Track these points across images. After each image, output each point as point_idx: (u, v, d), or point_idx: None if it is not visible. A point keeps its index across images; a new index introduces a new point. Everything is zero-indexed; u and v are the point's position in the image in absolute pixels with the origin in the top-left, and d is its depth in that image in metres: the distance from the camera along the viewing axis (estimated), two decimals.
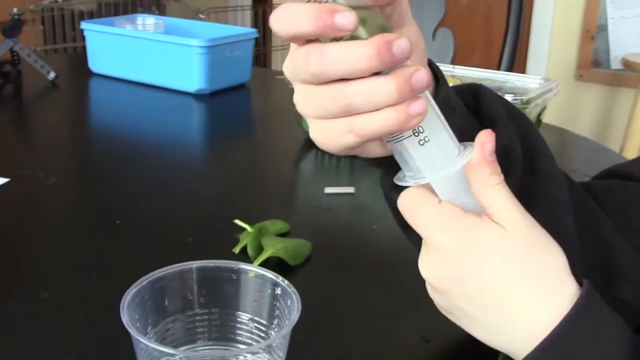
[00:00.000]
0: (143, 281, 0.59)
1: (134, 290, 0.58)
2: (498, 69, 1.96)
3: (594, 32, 3.30)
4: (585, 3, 3.29)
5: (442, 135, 0.52)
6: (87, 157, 1.38)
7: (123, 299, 0.57)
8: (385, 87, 0.48)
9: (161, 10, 4.62)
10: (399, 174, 0.56)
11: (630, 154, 2.83)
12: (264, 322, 0.62)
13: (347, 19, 0.46)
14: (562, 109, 3.34)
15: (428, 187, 0.54)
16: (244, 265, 0.63)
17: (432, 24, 2.15)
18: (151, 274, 0.60)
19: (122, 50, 1.84)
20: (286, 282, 0.61)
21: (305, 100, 0.52)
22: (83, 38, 1.93)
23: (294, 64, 0.51)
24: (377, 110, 0.49)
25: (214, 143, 1.55)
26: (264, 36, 4.29)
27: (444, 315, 0.57)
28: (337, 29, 0.47)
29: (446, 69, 1.44)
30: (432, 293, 0.56)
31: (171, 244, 0.97)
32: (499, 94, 1.08)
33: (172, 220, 1.05)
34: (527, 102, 1.19)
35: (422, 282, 0.86)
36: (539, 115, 1.32)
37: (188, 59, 1.71)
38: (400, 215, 0.65)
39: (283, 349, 0.58)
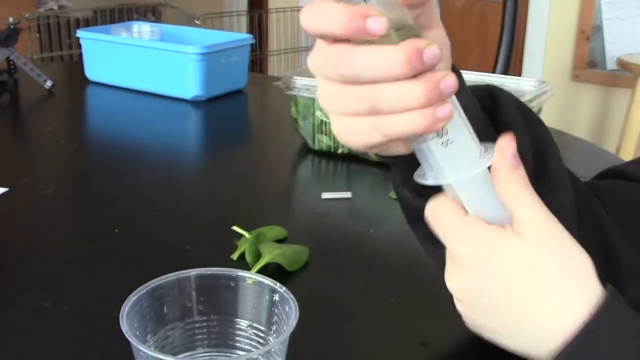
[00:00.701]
0: (142, 290, 0.60)
1: (133, 298, 0.58)
2: (494, 71, 1.97)
3: (589, 32, 3.32)
4: (580, 4, 3.30)
5: (466, 137, 0.54)
6: (85, 165, 1.39)
7: (122, 307, 0.57)
8: (414, 91, 0.48)
9: (157, 17, 4.63)
10: (419, 171, 0.57)
11: (626, 154, 2.84)
12: (262, 328, 0.63)
13: (378, 23, 0.47)
14: (558, 110, 3.35)
15: (452, 193, 0.56)
16: (241, 273, 0.63)
17: None
18: (150, 282, 0.60)
19: (118, 58, 1.84)
20: (284, 288, 0.61)
21: (330, 97, 0.53)
22: (79, 45, 1.93)
23: (323, 61, 0.51)
24: (404, 112, 0.49)
25: (211, 149, 1.55)
26: (260, 41, 4.30)
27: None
28: (368, 33, 0.47)
29: None
30: (459, 306, 0.58)
31: (170, 252, 0.97)
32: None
33: (171, 228, 1.05)
34: None
35: (420, 286, 0.87)
36: None
37: (184, 66, 1.72)
38: (408, 210, 0.67)
39: (282, 355, 0.59)
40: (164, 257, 0.96)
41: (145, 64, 1.79)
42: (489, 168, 0.54)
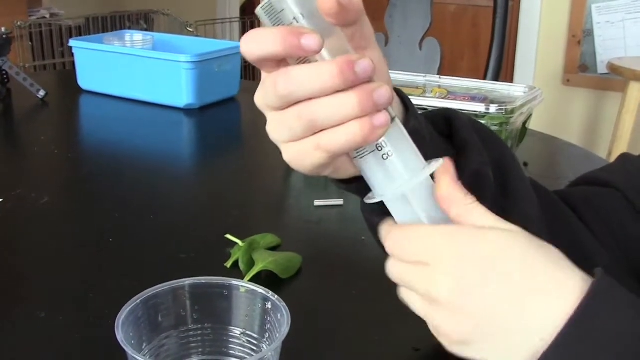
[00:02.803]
0: (137, 299, 0.60)
1: (128, 308, 0.59)
2: (485, 76, 1.98)
3: (580, 37, 3.33)
4: (571, 8, 3.32)
5: (406, 150, 0.54)
6: (78, 175, 1.39)
7: (117, 317, 0.58)
8: (348, 101, 0.50)
9: (149, 24, 4.63)
10: (370, 194, 0.57)
11: None
12: (255, 335, 0.64)
13: (312, 39, 0.49)
14: (549, 114, 3.36)
15: (398, 210, 0.56)
16: (235, 281, 0.64)
17: (419, 34, 2.16)
18: (144, 292, 0.61)
19: (110, 66, 1.85)
20: (276, 296, 0.62)
21: (275, 126, 0.55)
22: (72, 54, 1.94)
23: (264, 91, 0.53)
24: (341, 124, 0.51)
25: (204, 157, 1.56)
26: None
27: None
28: (303, 50, 0.50)
29: (433, 79, 1.46)
30: (448, 316, 0.52)
31: (164, 260, 0.98)
32: (485, 105, 1.10)
33: (165, 237, 1.06)
34: (512, 112, 1.21)
35: None
36: (525, 123, 1.34)
37: (176, 75, 1.72)
38: (375, 233, 0.66)
39: None
40: (157, 266, 0.96)
41: (138, 73, 1.80)
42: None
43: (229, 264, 0.93)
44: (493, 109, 1.19)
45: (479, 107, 1.20)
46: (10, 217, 1.13)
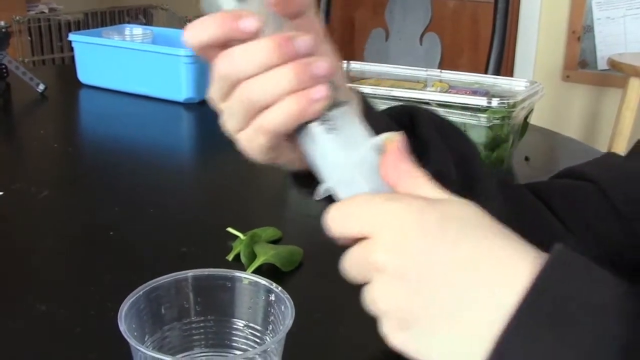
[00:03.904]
0: (139, 291, 0.60)
1: (131, 300, 0.59)
2: (485, 71, 1.98)
3: (580, 32, 3.33)
4: (571, 4, 3.31)
5: (353, 128, 0.52)
6: (78, 169, 1.39)
7: (120, 309, 0.58)
8: (283, 74, 0.50)
9: (148, 19, 4.63)
10: (318, 189, 0.53)
11: None
12: (258, 327, 0.63)
13: (250, 21, 0.50)
14: (549, 110, 3.36)
15: (344, 190, 0.51)
16: (238, 273, 0.64)
17: (419, 29, 2.16)
18: (147, 284, 0.61)
19: (110, 61, 1.85)
20: (279, 288, 0.62)
21: (225, 117, 0.55)
22: (71, 48, 1.94)
23: (213, 82, 0.54)
24: (279, 101, 0.50)
25: (205, 151, 1.56)
26: None
27: None
28: (241, 31, 0.50)
29: (434, 73, 1.46)
30: (387, 283, 0.46)
31: (165, 254, 0.98)
32: (487, 98, 1.09)
33: (166, 230, 1.06)
34: (514, 106, 1.20)
35: None
36: (526, 117, 1.33)
37: (176, 69, 1.72)
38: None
39: (278, 354, 0.59)
40: (159, 259, 0.96)
41: (138, 67, 1.79)
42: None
43: (230, 257, 0.92)
44: (495, 102, 1.19)
45: (481, 101, 1.20)
46: (11, 210, 1.12)
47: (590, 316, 0.41)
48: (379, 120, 0.63)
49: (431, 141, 0.66)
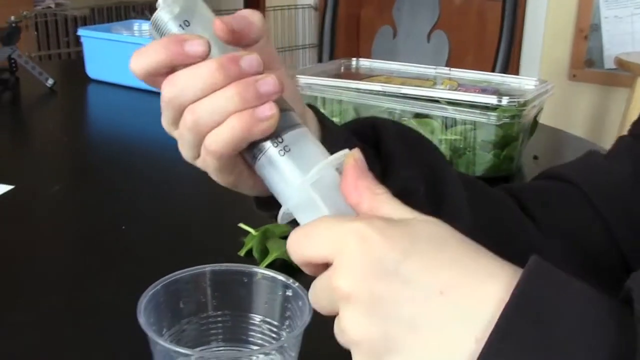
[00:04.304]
0: (158, 284, 0.60)
1: (150, 293, 0.59)
2: (493, 70, 1.97)
3: (587, 31, 3.32)
4: (579, 2, 3.31)
5: (308, 146, 0.50)
6: (89, 163, 1.39)
7: (139, 302, 0.58)
8: (226, 94, 0.48)
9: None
10: (279, 213, 0.51)
11: None
12: (275, 323, 0.63)
13: (196, 44, 0.48)
14: (555, 109, 3.35)
15: (302, 214, 0.50)
16: (256, 269, 0.64)
17: (427, 26, 2.16)
18: (165, 277, 0.61)
19: (119, 56, 1.84)
20: (297, 284, 0.62)
21: (180, 145, 0.54)
22: (77, 44, 1.95)
23: (162, 110, 0.52)
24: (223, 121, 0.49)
25: None
26: None
27: None
28: (187, 55, 0.48)
29: (443, 71, 1.46)
30: (357, 316, 0.43)
31: (177, 248, 0.98)
32: (497, 97, 1.09)
33: (177, 225, 1.06)
34: (524, 104, 1.20)
35: None
36: (535, 116, 1.33)
37: None
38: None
39: (295, 350, 0.60)
40: (171, 254, 0.96)
41: None
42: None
43: (242, 253, 0.93)
44: (505, 101, 1.19)
45: (491, 99, 1.20)
46: (21, 204, 1.13)
47: (573, 335, 0.40)
48: (338, 136, 0.61)
49: (396, 154, 0.64)
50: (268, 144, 0.50)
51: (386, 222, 0.44)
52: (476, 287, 0.42)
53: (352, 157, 0.48)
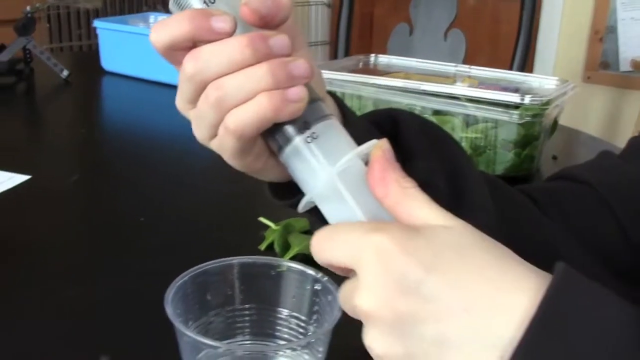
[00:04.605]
0: (186, 275, 0.59)
1: (177, 284, 0.58)
2: (510, 69, 1.96)
3: (602, 33, 3.30)
4: (595, 4, 3.28)
5: (336, 136, 0.49)
6: (106, 154, 1.38)
7: (167, 292, 0.57)
8: (257, 71, 0.46)
9: (166, 8, 4.62)
10: (302, 201, 0.50)
11: None
12: (303, 317, 0.62)
13: (223, 21, 0.46)
14: (569, 111, 3.33)
15: (328, 207, 0.49)
16: (284, 262, 0.63)
17: (444, 24, 2.15)
18: (193, 268, 0.60)
19: (134, 48, 1.84)
20: (326, 277, 0.61)
21: (195, 124, 0.51)
22: (89, 36, 1.94)
23: (179, 87, 0.50)
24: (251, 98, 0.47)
25: None
26: None
27: None
28: (214, 32, 0.46)
29: (463, 69, 1.45)
30: (381, 334, 0.43)
31: (196, 241, 0.97)
32: (520, 95, 1.08)
33: (195, 218, 1.05)
34: (547, 103, 1.19)
35: None
36: (556, 116, 1.32)
37: None
38: None
39: (323, 346, 0.58)
40: (190, 246, 0.95)
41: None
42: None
43: (263, 247, 0.92)
44: (528, 99, 1.18)
45: (514, 98, 1.18)
46: (40, 194, 1.12)
47: (597, 351, 0.39)
48: (358, 126, 0.59)
49: (417, 148, 0.62)
50: (295, 131, 0.48)
51: (407, 234, 0.43)
52: (500, 302, 0.41)
53: (380, 148, 0.47)
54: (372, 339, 0.43)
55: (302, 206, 0.50)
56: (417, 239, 0.43)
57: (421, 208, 0.45)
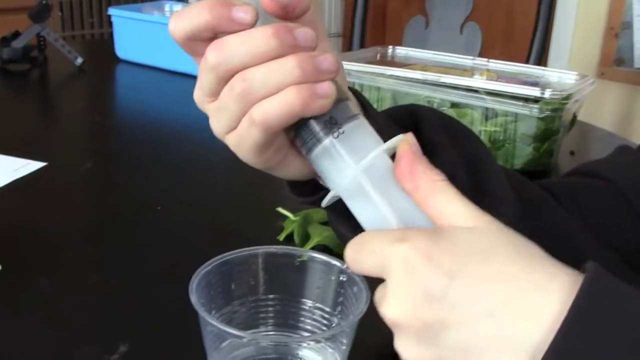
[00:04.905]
0: (210, 264, 0.58)
1: (202, 272, 0.57)
2: (526, 63, 1.95)
3: (618, 29, 3.27)
4: (610, 0, 3.26)
5: (363, 134, 0.49)
6: (121, 142, 1.38)
7: (192, 280, 0.56)
8: (285, 63, 0.45)
9: None
10: (326, 197, 0.50)
11: None
12: (327, 309, 0.61)
13: (244, 11, 0.46)
14: (583, 107, 3.32)
15: (354, 204, 0.49)
16: (309, 252, 0.62)
17: (460, 17, 2.14)
18: (218, 257, 0.59)
19: (149, 36, 1.83)
20: None
21: (214, 117, 0.50)
22: (102, 25, 1.93)
23: (199, 82, 0.49)
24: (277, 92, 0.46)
25: None
26: None
27: None
28: (234, 22, 0.46)
29: (481, 62, 1.43)
30: (410, 343, 0.44)
31: (214, 231, 0.96)
32: (540, 89, 1.07)
33: (213, 208, 1.05)
34: (567, 98, 1.18)
35: None
36: (575, 111, 1.31)
37: None
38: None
39: (348, 338, 0.58)
40: (208, 236, 0.95)
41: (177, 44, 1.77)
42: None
43: (281, 237, 0.91)
44: (548, 93, 1.16)
45: (534, 92, 1.17)
46: (56, 181, 1.11)
47: (629, 355, 0.39)
48: (379, 120, 0.58)
49: (438, 143, 0.61)
50: (324, 128, 0.48)
51: (432, 241, 0.43)
52: (528, 304, 0.41)
53: (406, 142, 0.47)
54: (401, 345, 0.44)
55: (326, 202, 0.50)
56: (441, 242, 0.43)
57: (450, 202, 0.45)
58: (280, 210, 0.97)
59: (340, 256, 0.87)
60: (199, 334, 0.57)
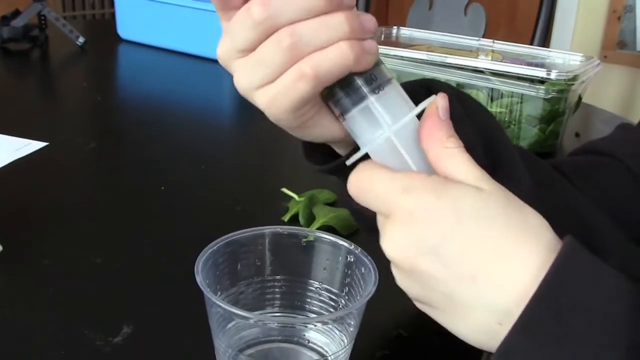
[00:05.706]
0: (216, 244, 0.57)
1: (208, 252, 0.56)
2: (530, 44, 1.93)
3: (620, 12, 3.25)
4: None
5: (395, 88, 0.50)
6: (124, 122, 1.36)
7: (197, 260, 0.55)
8: (336, 20, 0.47)
9: None
10: (353, 155, 0.51)
11: None
12: (334, 290, 0.61)
13: None
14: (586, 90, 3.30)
15: (382, 158, 0.50)
16: (316, 232, 0.61)
17: None
18: (223, 237, 0.58)
19: (152, 16, 1.82)
20: (359, 249, 0.59)
21: (246, 71, 0.50)
22: (103, 5, 1.91)
23: (230, 37, 0.49)
24: (328, 46, 0.47)
25: (252, 111, 1.53)
26: None
27: None
28: None
29: (486, 43, 1.42)
30: (401, 277, 0.48)
31: (219, 211, 0.95)
32: (547, 70, 1.06)
33: (218, 189, 1.04)
34: (574, 79, 1.17)
35: None
36: (581, 93, 1.30)
37: (220, 26, 1.68)
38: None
39: (355, 320, 0.57)
40: (213, 217, 0.94)
41: (181, 24, 1.76)
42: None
43: (286, 218, 0.90)
44: (554, 74, 1.15)
45: (540, 72, 1.16)
46: (58, 161, 1.10)
47: (591, 332, 0.42)
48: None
49: (456, 115, 0.62)
50: (364, 83, 0.49)
51: (435, 196, 0.45)
52: (504, 275, 0.44)
53: (434, 104, 0.49)
54: (394, 272, 0.49)
55: (352, 160, 0.51)
56: (445, 200, 0.45)
57: (459, 168, 0.48)
58: (285, 190, 0.96)
59: (346, 237, 0.86)
60: (204, 315, 0.56)
